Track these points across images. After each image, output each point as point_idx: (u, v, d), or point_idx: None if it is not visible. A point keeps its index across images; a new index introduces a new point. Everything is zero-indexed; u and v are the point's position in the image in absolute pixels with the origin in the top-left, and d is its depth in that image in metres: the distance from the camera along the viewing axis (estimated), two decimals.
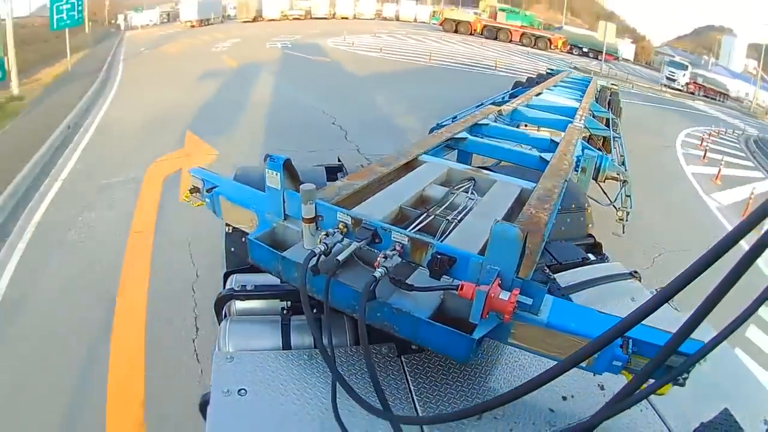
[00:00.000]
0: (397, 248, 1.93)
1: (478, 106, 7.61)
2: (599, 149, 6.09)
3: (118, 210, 7.61)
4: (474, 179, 3.14)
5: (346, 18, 41.66)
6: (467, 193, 2.92)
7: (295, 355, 2.03)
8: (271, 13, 38.89)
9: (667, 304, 1.71)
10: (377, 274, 1.77)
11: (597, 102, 9.27)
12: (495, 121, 5.56)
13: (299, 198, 2.06)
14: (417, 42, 31.09)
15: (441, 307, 1.91)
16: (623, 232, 5.90)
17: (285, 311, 2.42)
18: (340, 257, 1.87)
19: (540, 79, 11.04)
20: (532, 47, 34.33)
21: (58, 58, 19.72)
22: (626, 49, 35.59)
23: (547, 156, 4.14)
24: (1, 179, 8.07)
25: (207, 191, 2.61)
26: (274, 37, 28.47)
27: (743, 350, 5.54)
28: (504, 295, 1.64)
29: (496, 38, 35.46)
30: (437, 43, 31.41)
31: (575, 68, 26.40)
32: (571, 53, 34.47)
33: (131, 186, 8.40)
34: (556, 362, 1.51)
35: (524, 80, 11.24)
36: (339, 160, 4.60)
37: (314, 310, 1.92)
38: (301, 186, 2.04)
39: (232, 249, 3.08)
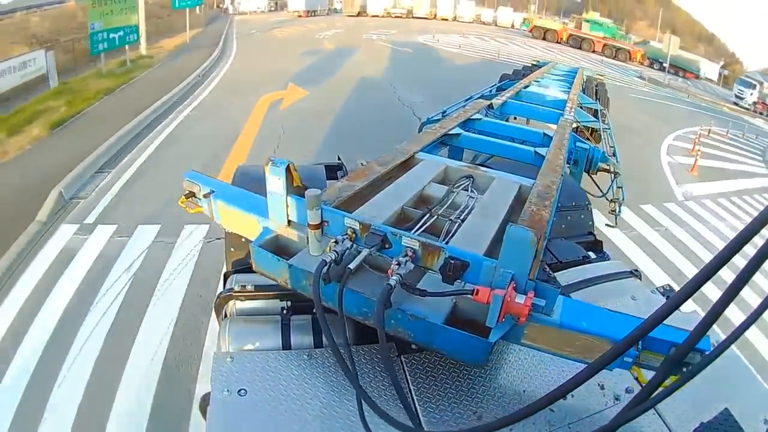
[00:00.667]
0: (409, 254, 1.90)
1: (467, 99, 7.53)
2: (588, 139, 6.26)
3: (240, 110, 12.75)
4: (472, 176, 3.13)
5: (446, 19, 43.76)
6: (467, 191, 2.92)
7: (295, 355, 2.00)
8: (375, 9, 43.03)
9: (663, 300, 2.16)
10: (392, 282, 1.73)
11: (585, 93, 9.42)
12: (486, 116, 5.56)
13: (303, 203, 2.03)
14: (498, 44, 32.91)
15: (453, 311, 1.89)
16: (615, 224, 6.14)
17: (285, 311, 2.41)
18: (352, 265, 1.82)
19: (526, 71, 11.12)
20: (613, 58, 35.31)
21: (174, 32, 24.06)
22: (710, 69, 35.33)
23: (542, 151, 4.14)
24: (167, 87, 13.60)
25: (204, 196, 2.45)
26: (372, 30, 32.51)
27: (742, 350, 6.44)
28: (519, 299, 1.65)
29: (580, 47, 36.67)
30: (517, 47, 33.03)
31: (640, 77, 27.58)
32: (652, 67, 35.10)
33: (249, 103, 13.37)
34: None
35: (512, 73, 11.34)
36: (339, 159, 4.63)
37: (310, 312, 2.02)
38: (306, 191, 1.98)
39: (232, 249, 2.99)
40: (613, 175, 5.99)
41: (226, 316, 2.39)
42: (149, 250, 6.58)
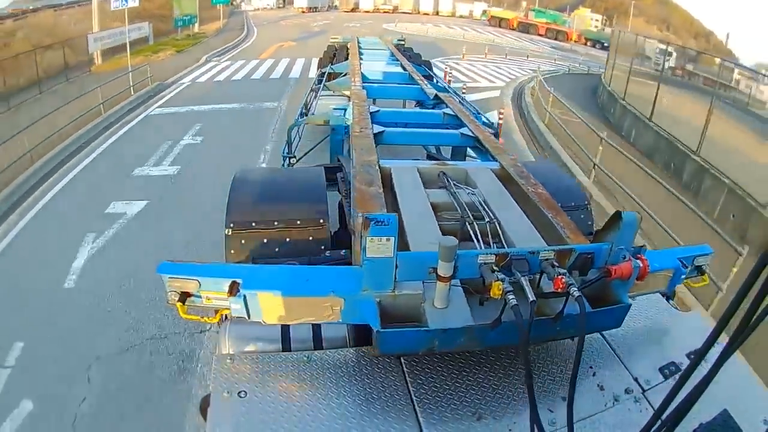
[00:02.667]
0: (550, 264, 1.86)
1: (316, 89, 7.36)
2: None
3: (263, 48, 23.75)
4: (445, 173, 3.15)
5: (427, 14, 51.30)
6: (462, 188, 2.95)
7: (295, 356, 1.96)
8: (366, 5, 51.59)
9: (666, 303, 2.42)
10: (575, 293, 1.70)
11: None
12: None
13: (418, 257, 1.86)
14: (449, 29, 39.35)
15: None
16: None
17: None
18: (530, 297, 1.67)
19: (332, 51, 10.98)
20: (554, 39, 43.36)
21: (209, 21, 33.71)
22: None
23: (463, 131, 4.29)
24: (225, 43, 23.78)
25: (231, 293, 1.82)
26: (355, 21, 41.66)
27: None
28: (636, 263, 1.88)
29: (527, 32, 44.61)
30: (464, 31, 38.47)
31: (552, 48, 35.83)
32: (587, 45, 42.74)
33: (268, 45, 24.07)
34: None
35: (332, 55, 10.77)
36: (338, 161, 4.34)
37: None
38: (442, 242, 1.75)
39: (232, 251, 2.77)
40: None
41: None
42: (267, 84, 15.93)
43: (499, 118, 10.44)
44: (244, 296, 1.84)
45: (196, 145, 10.61)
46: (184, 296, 1.83)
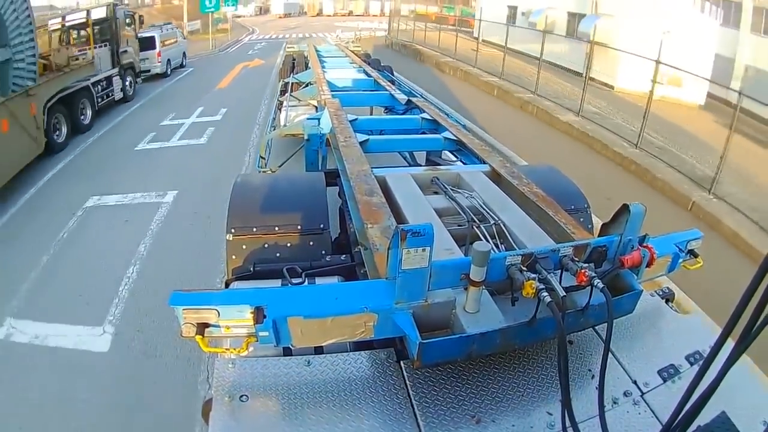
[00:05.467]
0: (570, 259, 1.92)
1: (279, 106, 7.42)
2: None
3: (267, 30, 40.42)
4: (438, 178, 3.21)
5: (376, 15, 61.81)
6: (461, 192, 3.00)
7: (296, 361, 1.96)
8: (328, 10, 66.71)
9: (666, 305, 2.45)
10: (599, 284, 1.78)
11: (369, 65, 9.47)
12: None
13: (451, 264, 1.88)
14: (371, 24, 50.20)
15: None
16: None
17: None
18: (560, 293, 1.73)
19: (291, 61, 10.93)
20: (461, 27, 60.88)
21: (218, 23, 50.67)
22: None
23: (445, 135, 4.35)
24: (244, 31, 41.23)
25: (257, 321, 1.74)
26: (317, 21, 57.68)
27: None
28: (647, 251, 2.04)
29: (442, 23, 62.36)
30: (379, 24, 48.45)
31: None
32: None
33: (268, 33, 40.86)
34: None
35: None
36: (333, 165, 4.15)
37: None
38: (476, 247, 1.77)
39: (233, 256, 2.78)
40: None
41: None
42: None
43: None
44: (274, 322, 1.75)
45: (262, 50, 28.25)
46: (202, 328, 1.72)
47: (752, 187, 8.91)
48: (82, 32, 13.81)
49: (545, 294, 1.73)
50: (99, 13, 14.14)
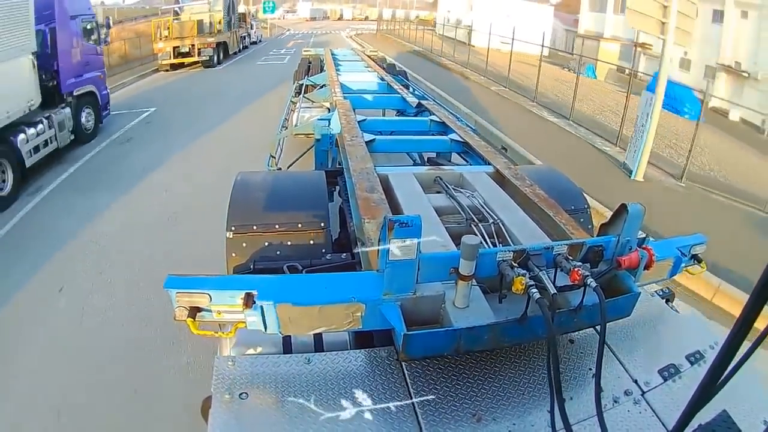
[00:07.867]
0: (564, 258, 1.90)
1: (291, 109, 7.47)
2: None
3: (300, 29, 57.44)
4: (441, 177, 3.21)
5: (387, 20, 77.11)
6: (462, 192, 3.00)
7: (296, 359, 1.97)
8: (347, 15, 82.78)
9: (666, 305, 2.43)
10: (592, 284, 1.76)
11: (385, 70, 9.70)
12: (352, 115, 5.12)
13: (440, 258, 1.89)
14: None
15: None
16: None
17: None
18: (551, 291, 1.74)
19: (306, 64, 11.28)
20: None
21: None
22: None
23: (452, 137, 4.37)
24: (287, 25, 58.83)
25: (246, 306, 1.79)
26: (337, 24, 73.16)
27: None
28: (645, 253, 2.01)
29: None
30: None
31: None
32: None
33: (300, 29, 57.76)
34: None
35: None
36: (339, 164, 4.39)
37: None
38: (465, 241, 1.78)
39: (234, 254, 2.81)
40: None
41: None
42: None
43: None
44: (261, 308, 1.79)
45: (301, 36, 45.43)
46: (194, 311, 1.77)
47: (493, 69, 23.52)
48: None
49: (534, 291, 1.73)
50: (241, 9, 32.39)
